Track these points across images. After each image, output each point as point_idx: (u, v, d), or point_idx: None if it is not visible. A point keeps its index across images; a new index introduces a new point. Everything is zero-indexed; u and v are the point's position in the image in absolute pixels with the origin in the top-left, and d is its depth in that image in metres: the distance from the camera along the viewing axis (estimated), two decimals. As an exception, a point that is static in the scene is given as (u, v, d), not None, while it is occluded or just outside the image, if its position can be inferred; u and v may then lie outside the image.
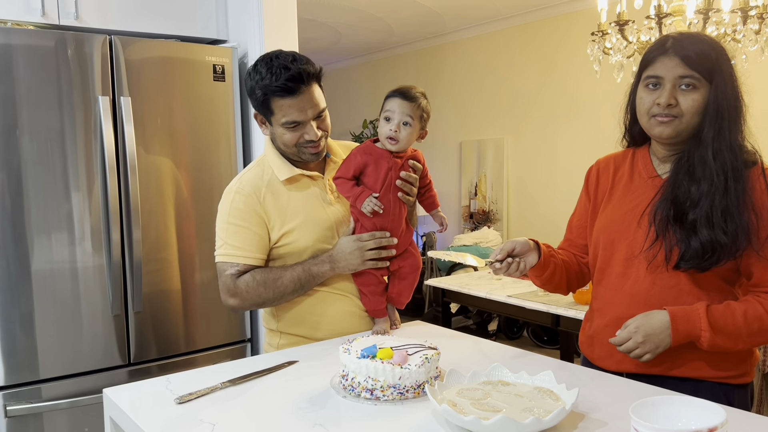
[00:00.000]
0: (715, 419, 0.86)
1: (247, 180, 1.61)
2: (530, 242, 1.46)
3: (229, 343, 2.54)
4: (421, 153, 1.67)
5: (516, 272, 1.43)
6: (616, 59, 3.05)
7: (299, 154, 1.61)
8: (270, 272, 1.57)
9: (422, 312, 5.46)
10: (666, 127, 1.34)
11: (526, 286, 3.21)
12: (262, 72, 1.53)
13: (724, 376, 1.35)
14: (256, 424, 1.12)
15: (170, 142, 2.37)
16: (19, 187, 2.09)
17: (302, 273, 1.57)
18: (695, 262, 1.29)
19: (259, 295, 1.56)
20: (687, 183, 1.33)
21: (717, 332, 1.29)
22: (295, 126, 1.55)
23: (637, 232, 1.39)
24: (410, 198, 1.61)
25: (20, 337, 2.10)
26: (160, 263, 2.35)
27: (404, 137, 1.56)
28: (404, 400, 1.19)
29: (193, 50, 2.41)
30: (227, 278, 1.57)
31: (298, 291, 1.58)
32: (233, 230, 1.57)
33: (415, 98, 1.56)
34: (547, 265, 1.49)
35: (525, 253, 1.44)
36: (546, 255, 1.48)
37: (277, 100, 1.53)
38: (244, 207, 1.57)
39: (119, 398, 1.27)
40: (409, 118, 1.55)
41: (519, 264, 1.43)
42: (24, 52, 2.08)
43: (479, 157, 5.83)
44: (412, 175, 1.60)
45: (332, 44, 6.24)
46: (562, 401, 1.10)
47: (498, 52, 5.59)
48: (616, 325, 1.38)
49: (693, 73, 1.30)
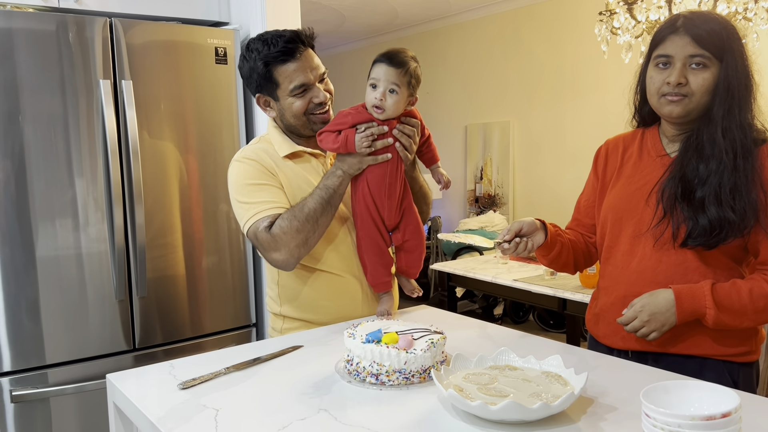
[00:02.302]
0: (729, 404, 0.84)
1: (251, 149, 1.61)
2: (537, 222, 1.46)
3: (234, 328, 2.53)
4: (417, 110, 1.58)
5: (524, 252, 1.43)
6: (624, 39, 3.00)
7: (309, 125, 1.59)
8: (294, 207, 1.52)
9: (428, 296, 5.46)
10: (676, 106, 1.33)
11: (532, 270, 3.19)
12: (258, 47, 1.54)
13: (729, 354, 1.35)
14: (260, 409, 1.11)
15: (172, 125, 2.35)
16: (23, 173, 2.07)
17: (321, 191, 1.51)
18: (703, 239, 1.29)
19: (298, 231, 1.48)
20: (695, 161, 1.32)
21: (722, 310, 1.29)
22: (303, 90, 1.55)
23: (645, 211, 1.39)
24: (409, 154, 1.54)
25: (26, 323, 2.10)
26: (164, 248, 2.34)
27: (390, 105, 1.49)
28: (410, 385, 1.18)
29: (194, 32, 2.38)
30: (263, 234, 1.50)
31: (327, 210, 1.51)
32: (253, 189, 1.54)
33: (402, 63, 1.48)
34: (554, 245, 1.48)
35: (532, 233, 1.44)
36: (553, 234, 1.48)
37: (279, 67, 1.54)
38: (255, 168, 1.56)
39: (123, 384, 1.26)
40: (395, 86, 1.48)
41: (527, 243, 1.42)
42: (24, 36, 2.05)
43: (485, 140, 5.79)
44: (407, 127, 1.53)
45: (336, 27, 6.18)
46: (570, 386, 1.09)
47: (504, 33, 5.52)
48: (622, 303, 1.39)
49: (703, 51, 1.30)
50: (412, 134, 1.54)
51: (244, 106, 2.51)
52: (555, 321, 4.71)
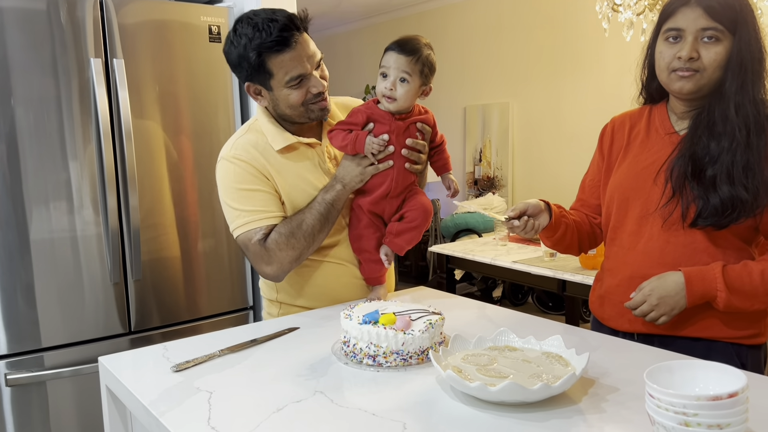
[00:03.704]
0: (736, 384, 0.82)
1: (241, 145, 1.51)
2: (541, 203, 1.43)
3: (231, 311, 2.51)
4: (432, 114, 1.55)
5: (531, 231, 1.40)
6: (626, 16, 2.95)
7: (307, 114, 1.50)
8: (291, 221, 1.48)
9: (426, 279, 5.45)
10: (687, 82, 1.29)
11: (531, 252, 3.17)
12: (248, 33, 1.41)
13: (738, 336, 1.32)
14: (255, 391, 1.09)
15: (166, 105, 2.30)
16: (15, 155, 2.04)
17: (320, 206, 1.48)
18: (714, 219, 1.26)
19: (293, 247, 1.46)
20: (706, 138, 1.28)
21: (733, 292, 1.26)
22: (300, 81, 1.45)
23: (653, 190, 1.35)
24: (418, 167, 1.52)
25: (21, 306, 2.08)
26: (159, 230, 2.31)
27: (402, 95, 1.44)
28: (407, 367, 1.16)
29: (187, 10, 2.33)
30: (255, 247, 1.46)
31: (325, 226, 1.49)
32: (245, 195, 1.48)
33: (415, 51, 1.43)
34: (558, 226, 1.46)
35: (537, 215, 1.41)
36: (557, 216, 1.45)
37: (274, 57, 1.42)
38: (246, 171, 1.48)
39: (115, 366, 1.24)
40: (406, 74, 1.43)
41: (534, 223, 1.40)
42: (14, 15, 2.00)
43: (484, 122, 5.74)
44: (419, 142, 1.50)
45: (332, 8, 6.10)
46: (571, 366, 1.06)
47: (503, 13, 5.45)
48: (629, 284, 1.36)
49: (716, 24, 1.25)
50: (422, 148, 1.51)
51: (239, 86, 2.47)
52: (554, 303, 4.71)
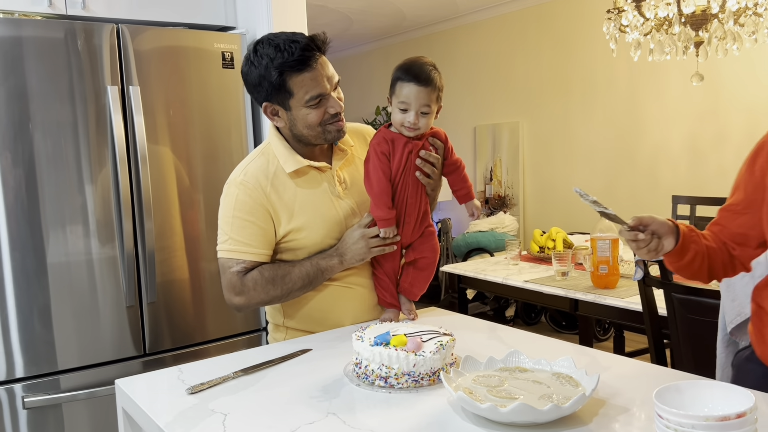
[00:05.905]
0: (744, 404, 0.82)
1: (251, 172, 1.53)
2: (669, 223, 1.25)
3: (244, 333, 2.53)
4: (443, 131, 1.56)
5: (653, 252, 1.23)
6: (633, 37, 2.97)
7: (324, 135, 1.52)
8: (278, 268, 1.51)
9: (438, 299, 5.43)
10: None
11: (543, 271, 3.17)
12: (269, 53, 1.46)
13: None
14: (269, 413, 1.10)
15: (180, 131, 2.35)
16: (33, 180, 2.08)
17: (311, 268, 1.51)
18: None
19: (267, 292, 1.50)
20: None
21: None
22: (319, 101, 1.48)
23: None
24: (431, 180, 1.54)
25: (38, 329, 2.11)
26: (173, 254, 2.35)
27: (425, 125, 1.48)
28: (419, 388, 1.17)
29: (201, 37, 2.39)
30: (233, 276, 1.49)
31: (306, 287, 1.52)
32: (239, 224, 1.50)
33: (430, 81, 1.45)
34: (686, 251, 1.27)
35: (663, 235, 1.24)
36: (686, 240, 1.27)
37: (295, 77, 1.45)
38: (249, 200, 1.50)
39: (131, 389, 1.26)
40: (427, 107, 1.46)
41: (659, 243, 1.23)
42: (32, 44, 2.07)
43: (494, 141, 5.76)
44: (432, 155, 1.52)
45: (343, 30, 6.18)
46: (582, 387, 1.07)
47: (512, 34, 5.50)
48: None
49: None
50: (435, 162, 1.53)
51: (251, 111, 2.52)
52: (567, 322, 4.68)
